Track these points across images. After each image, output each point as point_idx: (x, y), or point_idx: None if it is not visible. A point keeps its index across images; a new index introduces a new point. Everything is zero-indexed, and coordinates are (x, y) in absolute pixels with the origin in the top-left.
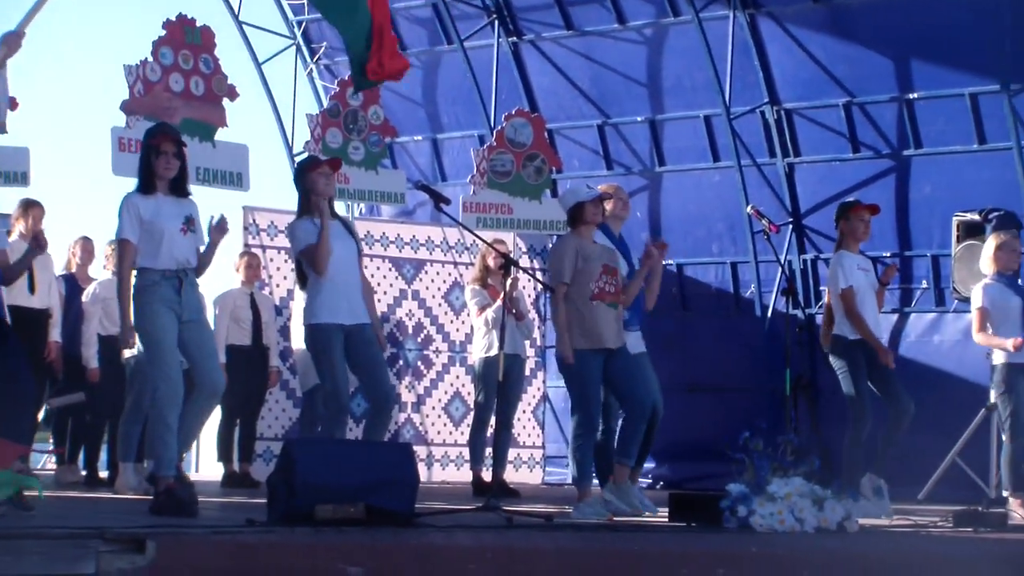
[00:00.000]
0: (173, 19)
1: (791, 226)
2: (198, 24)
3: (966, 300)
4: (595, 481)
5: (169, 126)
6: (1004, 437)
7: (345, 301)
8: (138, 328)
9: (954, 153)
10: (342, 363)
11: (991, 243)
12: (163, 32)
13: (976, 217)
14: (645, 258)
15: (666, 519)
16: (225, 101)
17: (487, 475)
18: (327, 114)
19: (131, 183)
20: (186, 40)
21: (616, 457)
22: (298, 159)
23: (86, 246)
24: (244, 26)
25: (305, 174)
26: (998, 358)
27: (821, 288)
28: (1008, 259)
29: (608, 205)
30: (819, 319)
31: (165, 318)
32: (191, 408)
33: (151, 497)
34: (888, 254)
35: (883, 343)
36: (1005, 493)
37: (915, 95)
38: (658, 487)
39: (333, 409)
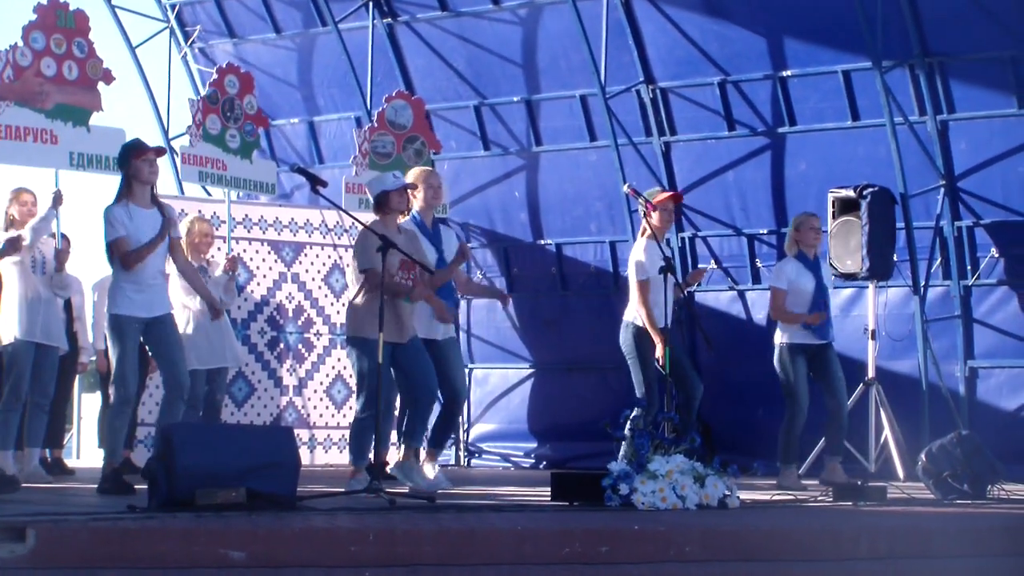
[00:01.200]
0: (44, 3)
1: None
2: (71, 8)
3: (843, 276)
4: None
5: None
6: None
7: (146, 296)
8: None
9: (828, 130)
10: (133, 353)
11: (792, 224)
12: (34, 16)
13: (851, 193)
14: (459, 255)
15: (548, 498)
16: (100, 85)
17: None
18: (207, 100)
19: (8, 168)
20: (58, 24)
21: (403, 439)
22: (167, 143)
23: None
24: (116, 9)
25: (130, 159)
26: (778, 338)
27: (700, 266)
28: (807, 238)
29: (417, 194)
30: (698, 296)
31: None
32: None
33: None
34: (765, 231)
35: (663, 335)
36: (780, 465)
37: (788, 73)
38: (540, 467)
39: (120, 396)
